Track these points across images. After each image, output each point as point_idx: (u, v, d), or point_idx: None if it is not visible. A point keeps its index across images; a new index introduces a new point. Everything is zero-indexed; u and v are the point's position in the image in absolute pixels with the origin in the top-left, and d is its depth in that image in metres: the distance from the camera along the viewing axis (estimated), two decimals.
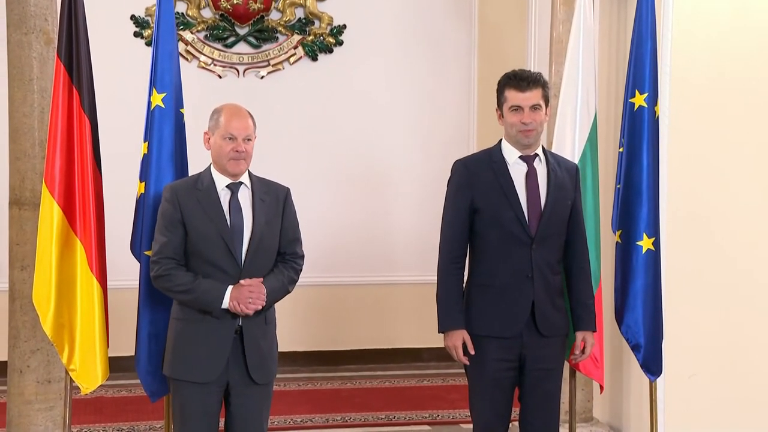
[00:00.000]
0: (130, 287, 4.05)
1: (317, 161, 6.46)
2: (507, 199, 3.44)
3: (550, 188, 3.47)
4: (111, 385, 5.16)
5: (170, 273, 3.31)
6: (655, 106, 4.01)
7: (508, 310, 3.45)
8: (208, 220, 3.32)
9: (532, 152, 3.49)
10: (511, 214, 3.43)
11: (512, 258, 3.44)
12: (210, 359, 3.32)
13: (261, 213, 3.39)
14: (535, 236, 3.43)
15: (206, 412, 3.36)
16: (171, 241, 3.33)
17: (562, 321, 3.55)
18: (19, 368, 4.04)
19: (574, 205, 3.55)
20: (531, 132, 3.43)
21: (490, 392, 3.50)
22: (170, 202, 3.36)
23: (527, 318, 3.44)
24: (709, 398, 4.42)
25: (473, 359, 3.49)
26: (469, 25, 6.64)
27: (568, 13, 4.60)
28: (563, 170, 3.54)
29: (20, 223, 4.02)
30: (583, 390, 4.73)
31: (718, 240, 4.40)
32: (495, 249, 3.48)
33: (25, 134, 4.00)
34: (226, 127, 3.34)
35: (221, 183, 3.38)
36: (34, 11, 3.95)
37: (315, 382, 6.17)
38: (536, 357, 3.48)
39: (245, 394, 3.39)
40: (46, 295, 3.67)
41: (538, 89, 3.43)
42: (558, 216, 3.48)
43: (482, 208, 3.47)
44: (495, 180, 3.47)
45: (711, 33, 4.33)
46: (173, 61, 3.84)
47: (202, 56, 6.36)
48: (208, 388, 3.34)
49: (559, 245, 3.53)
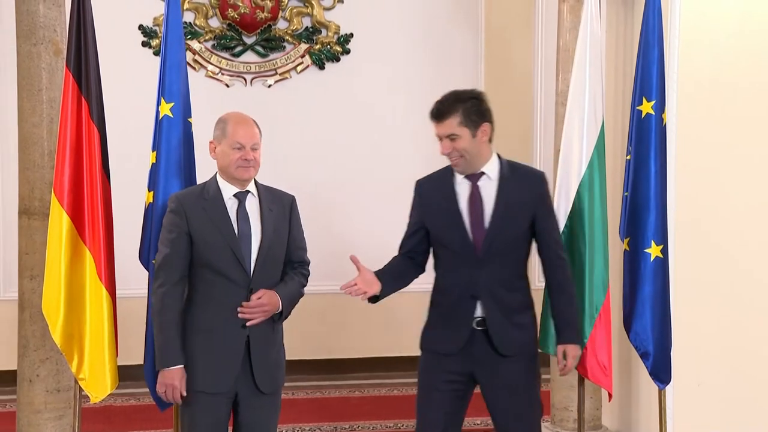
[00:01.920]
0: (138, 296, 4.06)
1: (324, 169, 6.47)
2: (452, 220, 3.43)
3: (498, 206, 3.40)
4: (120, 394, 5.17)
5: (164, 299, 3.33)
6: (663, 113, 4.01)
7: (451, 328, 3.44)
8: (215, 229, 3.32)
9: (477, 171, 3.44)
10: (455, 235, 3.42)
11: (460, 277, 3.42)
12: (220, 370, 3.32)
13: (269, 222, 3.39)
14: (480, 256, 3.39)
15: (216, 422, 3.36)
16: (174, 253, 3.32)
17: (526, 338, 3.47)
18: (29, 377, 4.04)
19: (537, 217, 3.45)
20: (456, 161, 3.41)
21: (432, 402, 3.49)
22: (176, 213, 3.35)
23: (470, 334, 3.40)
24: (719, 406, 4.40)
25: (423, 374, 3.53)
26: (476, 32, 6.65)
27: (575, 21, 4.61)
28: (521, 183, 3.45)
29: (29, 232, 4.03)
30: (591, 398, 4.72)
31: (727, 247, 4.38)
32: (445, 268, 3.50)
33: (35, 144, 4.02)
34: (233, 136, 3.33)
35: (228, 192, 3.38)
36: (43, 22, 3.97)
37: (323, 391, 6.17)
38: (495, 374, 3.43)
39: (254, 404, 3.38)
40: (55, 305, 3.69)
41: (449, 118, 3.38)
42: (507, 233, 3.40)
43: (431, 228, 3.50)
44: (442, 201, 3.47)
45: (718, 40, 4.32)
46: (181, 70, 3.86)
47: (209, 65, 6.38)
48: (218, 398, 3.33)
49: (514, 261, 3.46)
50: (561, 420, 4.89)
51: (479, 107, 3.42)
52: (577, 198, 3.96)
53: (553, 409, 4.95)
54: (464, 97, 3.43)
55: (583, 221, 3.93)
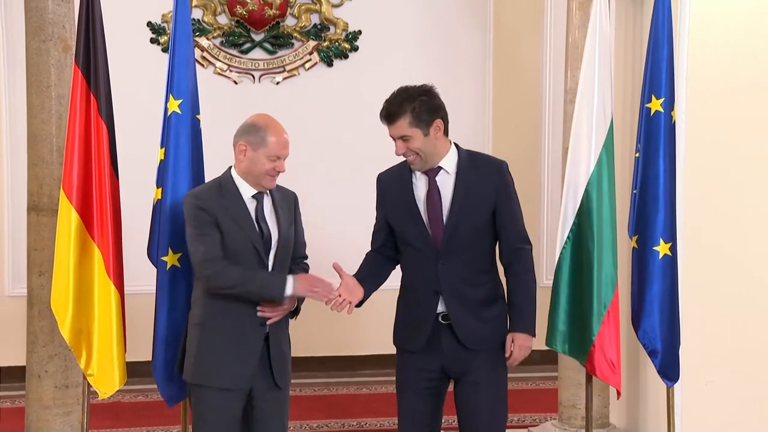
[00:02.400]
0: (146, 292, 4.07)
1: (332, 166, 6.47)
2: (411, 217, 3.42)
3: (456, 200, 3.39)
4: (128, 390, 5.20)
5: (224, 270, 3.27)
6: (672, 111, 4.00)
7: (416, 324, 3.44)
8: (238, 228, 3.32)
9: (435, 166, 3.43)
10: (415, 231, 3.42)
11: (423, 273, 3.42)
12: (238, 365, 3.32)
13: (284, 220, 3.43)
14: (440, 251, 3.38)
15: (232, 418, 3.35)
16: (214, 241, 3.29)
17: (491, 333, 3.45)
18: (38, 373, 4.06)
19: (498, 207, 3.43)
20: (412, 160, 3.40)
21: (410, 403, 3.51)
22: (203, 209, 3.31)
23: (433, 329, 3.39)
24: (727, 404, 4.39)
25: (398, 371, 3.55)
26: (485, 29, 6.64)
27: (584, 19, 4.59)
28: (481, 174, 3.43)
29: (38, 228, 4.04)
30: (599, 396, 4.71)
31: (735, 245, 4.37)
32: (409, 264, 3.49)
33: (43, 140, 4.03)
34: (273, 148, 3.32)
35: (247, 192, 3.38)
36: (52, 19, 3.98)
37: (331, 387, 6.18)
38: (462, 369, 3.43)
39: (268, 399, 3.40)
40: (64, 301, 3.70)
41: (399, 120, 3.35)
42: (467, 227, 3.39)
43: (393, 224, 3.51)
44: (401, 197, 3.47)
45: (728, 37, 4.30)
46: (190, 67, 3.86)
47: (218, 62, 6.39)
48: (234, 394, 3.33)
49: (478, 256, 3.44)
50: (569, 418, 4.88)
51: (429, 104, 3.38)
52: (585, 196, 3.94)
53: (561, 406, 4.95)
54: (413, 96, 3.38)
55: (592, 219, 3.92)
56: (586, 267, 3.90)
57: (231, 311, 3.32)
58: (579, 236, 3.95)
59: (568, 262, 3.96)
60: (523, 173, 6.77)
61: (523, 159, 6.71)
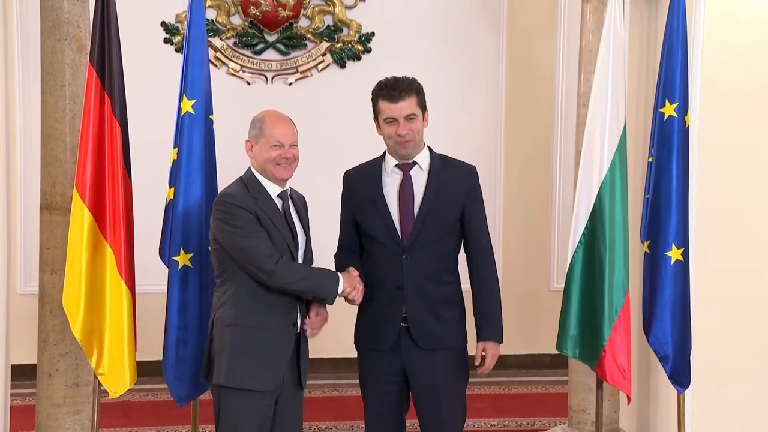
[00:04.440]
0: (158, 292, 4.08)
1: (344, 167, 6.44)
2: (378, 210, 3.42)
3: (428, 195, 3.40)
4: (139, 389, 5.21)
5: (288, 264, 3.25)
6: (686, 115, 3.99)
7: (382, 323, 3.42)
8: (275, 228, 3.29)
9: (411, 160, 3.45)
10: (381, 225, 3.41)
11: (388, 270, 3.41)
12: (271, 367, 3.28)
13: (305, 220, 3.45)
14: (407, 246, 3.38)
15: (263, 420, 3.30)
16: (266, 237, 3.24)
17: (448, 333, 3.43)
18: (48, 372, 4.07)
19: (466, 210, 3.45)
20: (408, 143, 3.41)
21: (374, 405, 3.51)
22: (241, 208, 3.24)
23: (399, 330, 3.39)
24: (738, 410, 4.38)
25: (361, 372, 3.55)
26: (498, 32, 6.63)
27: (598, 22, 4.59)
28: (452, 176, 3.45)
29: (51, 227, 4.05)
30: (609, 401, 4.70)
31: (748, 251, 4.35)
32: (373, 261, 3.47)
33: (57, 139, 4.04)
34: (271, 135, 3.30)
35: (273, 192, 3.35)
36: (67, 18, 3.99)
37: (340, 389, 6.17)
38: (419, 372, 3.41)
39: (290, 400, 3.38)
40: (75, 300, 3.71)
41: (411, 97, 3.38)
42: (437, 224, 3.39)
43: (359, 220, 3.50)
44: (370, 191, 3.47)
45: (743, 43, 4.29)
46: (203, 68, 3.88)
47: (231, 63, 6.40)
48: (265, 396, 3.28)
49: (443, 254, 3.44)
50: (579, 423, 4.87)
51: (424, 95, 3.46)
52: (598, 200, 3.93)
53: (571, 411, 4.94)
54: (416, 81, 3.45)
55: (604, 223, 3.91)
56: (598, 271, 3.90)
57: (264, 312, 3.27)
58: (591, 240, 3.94)
59: (580, 266, 3.96)
60: (535, 176, 6.84)
61: (535, 162, 6.72)
